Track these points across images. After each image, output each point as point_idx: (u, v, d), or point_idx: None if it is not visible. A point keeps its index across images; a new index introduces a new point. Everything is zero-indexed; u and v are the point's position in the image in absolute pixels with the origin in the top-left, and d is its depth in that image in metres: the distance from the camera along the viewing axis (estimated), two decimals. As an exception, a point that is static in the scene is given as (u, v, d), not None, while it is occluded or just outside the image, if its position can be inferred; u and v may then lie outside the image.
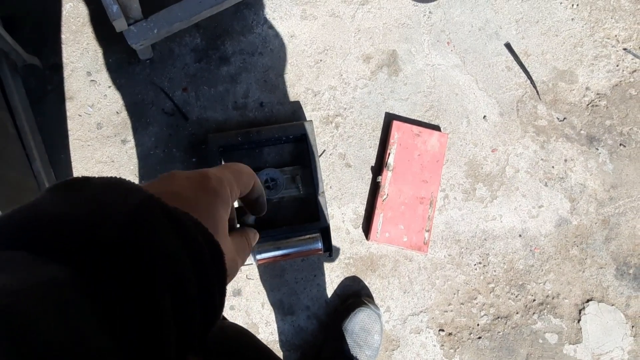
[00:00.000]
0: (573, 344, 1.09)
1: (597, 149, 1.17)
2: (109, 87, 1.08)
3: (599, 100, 1.19)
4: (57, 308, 0.16)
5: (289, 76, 1.13)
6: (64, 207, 0.20)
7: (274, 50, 1.14)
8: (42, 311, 0.16)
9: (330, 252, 1.00)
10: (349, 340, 0.98)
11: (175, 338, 0.20)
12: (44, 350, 0.15)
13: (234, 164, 0.33)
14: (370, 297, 1.07)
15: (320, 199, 1.00)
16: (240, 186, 0.32)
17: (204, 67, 1.12)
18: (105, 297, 0.18)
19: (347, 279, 1.07)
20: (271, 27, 1.15)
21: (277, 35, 1.15)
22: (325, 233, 1.00)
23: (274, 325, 1.04)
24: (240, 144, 1.02)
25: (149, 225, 0.21)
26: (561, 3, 1.22)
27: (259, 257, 0.97)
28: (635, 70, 1.21)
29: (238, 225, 0.38)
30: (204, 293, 0.23)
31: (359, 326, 0.99)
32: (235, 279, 1.05)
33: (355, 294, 1.07)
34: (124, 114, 1.08)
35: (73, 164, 1.05)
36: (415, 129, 1.11)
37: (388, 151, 1.09)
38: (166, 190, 0.26)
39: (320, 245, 0.99)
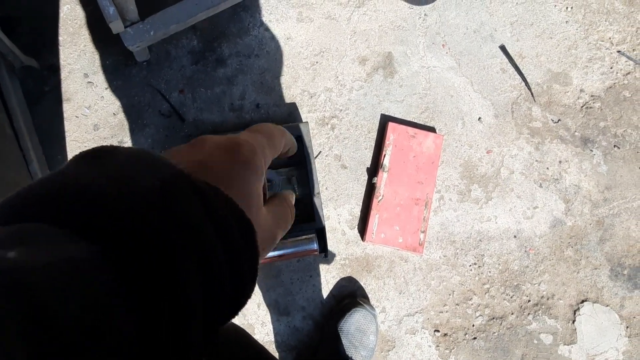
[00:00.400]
0: (568, 345, 1.10)
1: (592, 151, 1.18)
2: (106, 88, 1.09)
3: (593, 102, 1.20)
4: (76, 286, 0.16)
5: (285, 78, 1.14)
6: (89, 178, 0.19)
7: (270, 53, 1.15)
8: (61, 289, 0.15)
9: (326, 253, 1.00)
10: (344, 341, 0.98)
11: (202, 332, 0.20)
12: (60, 328, 0.14)
13: (264, 125, 0.31)
14: (365, 297, 1.07)
15: (316, 200, 1.01)
16: (273, 150, 0.30)
17: (200, 69, 1.12)
18: (129, 277, 0.17)
19: (342, 279, 1.08)
20: (267, 29, 1.16)
21: (273, 37, 1.16)
22: (320, 234, 1.01)
23: (270, 326, 1.05)
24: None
25: (177, 204, 0.20)
26: (555, 6, 1.23)
27: (254, 257, 0.98)
28: (629, 73, 1.22)
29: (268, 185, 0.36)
30: (235, 277, 0.22)
31: (355, 327, 0.99)
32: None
33: (350, 295, 1.07)
34: (121, 116, 1.09)
35: (70, 165, 1.05)
36: (411, 130, 1.11)
37: (384, 152, 1.10)
38: (195, 160, 0.25)
39: (315, 246, 0.99)
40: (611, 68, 1.22)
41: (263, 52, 1.15)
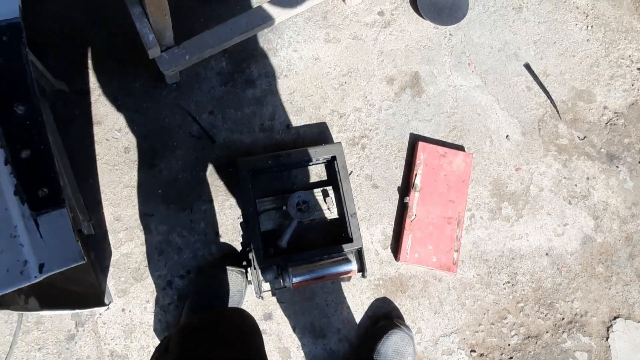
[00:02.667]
0: (603, 362, 1.09)
1: (617, 167, 1.19)
2: (136, 111, 1.08)
3: (617, 119, 1.22)
4: None
5: (315, 98, 1.14)
6: None
7: (298, 73, 1.15)
8: None
9: (364, 273, 1.00)
10: None
11: None
12: None
13: None
14: (401, 318, 1.06)
15: (352, 220, 1.00)
16: None
17: (230, 90, 1.12)
18: None
19: (377, 300, 1.07)
20: (295, 50, 1.16)
21: (301, 58, 1.16)
22: (359, 254, 1.00)
23: (306, 349, 1.03)
24: (270, 167, 1.02)
25: None
26: (576, 25, 1.25)
27: (295, 280, 0.97)
28: (650, 89, 1.24)
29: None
30: None
31: (392, 349, 0.98)
32: (265, 302, 1.04)
33: (386, 316, 1.06)
34: (152, 138, 1.08)
35: (101, 189, 1.04)
36: (441, 149, 1.12)
37: (415, 172, 1.10)
38: None
39: (354, 266, 0.99)
40: (632, 85, 1.24)
41: (292, 73, 1.15)
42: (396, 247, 1.09)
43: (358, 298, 1.06)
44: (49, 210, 0.32)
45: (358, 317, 1.06)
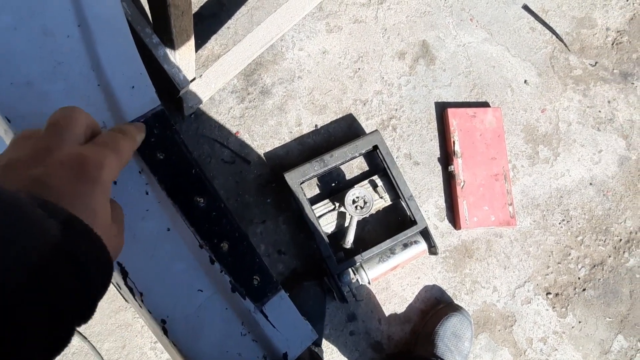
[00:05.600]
0: (666, 270, 1.15)
1: (633, 83, 1.22)
2: (163, 152, 1.04)
3: (621, 37, 1.24)
4: None
5: (334, 92, 1.12)
6: None
7: (311, 71, 1.12)
8: None
9: (436, 249, 1.00)
10: (440, 344, 0.97)
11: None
12: None
13: (109, 136, 0.30)
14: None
15: (411, 202, 1.00)
16: (122, 160, 0.30)
17: (249, 105, 1.09)
18: None
19: (447, 271, 1.08)
20: (301, 48, 1.13)
21: (309, 55, 1.13)
22: (425, 234, 1.01)
23: (396, 337, 1.04)
24: (318, 173, 1.00)
25: (21, 230, 0.21)
26: (561, -46, 1.26)
27: (371, 276, 0.97)
28: (644, 1, 1.26)
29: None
30: (84, 292, 0.23)
31: (450, 331, 0.98)
32: (346, 305, 1.04)
33: (447, 300, 1.07)
34: (186, 175, 1.04)
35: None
36: (470, 110, 1.12)
37: (452, 139, 1.10)
38: (38, 179, 0.25)
39: (425, 246, 0.99)
40: (627, 0, 1.26)
41: (304, 73, 1.12)
42: (452, 217, 1.10)
43: (430, 274, 1.08)
44: (269, 297, 0.31)
45: (435, 292, 1.07)
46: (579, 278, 1.12)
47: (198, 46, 1.08)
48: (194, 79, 0.89)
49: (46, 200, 0.23)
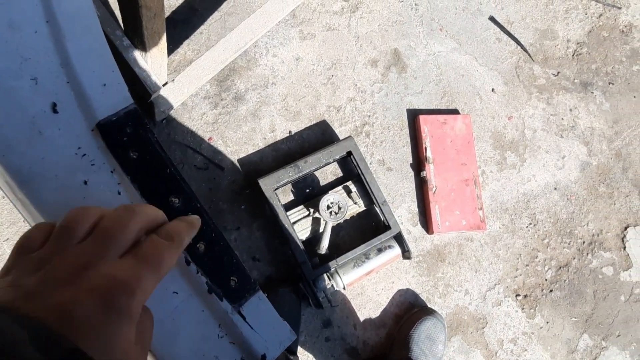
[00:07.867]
0: (626, 270, 1.20)
1: (593, 92, 1.28)
2: (133, 158, 1.02)
3: (580, 49, 1.30)
4: None
5: (308, 99, 1.13)
6: None
7: (285, 78, 1.13)
8: None
9: (409, 254, 1.02)
10: (414, 348, 0.99)
11: None
12: None
13: (156, 251, 0.26)
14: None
15: (384, 207, 1.01)
16: (159, 278, 0.26)
17: (222, 111, 1.08)
18: None
19: (421, 276, 1.10)
20: (275, 55, 1.13)
21: (283, 62, 1.13)
22: (399, 238, 1.02)
23: (372, 342, 1.05)
24: (292, 179, 1.00)
25: None
26: (524, -31, 1.31)
27: (346, 281, 0.97)
28: (601, 15, 1.33)
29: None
30: None
31: (425, 335, 1.00)
32: (321, 310, 1.03)
33: (420, 304, 1.09)
34: (157, 181, 1.02)
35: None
36: (440, 117, 1.14)
37: (424, 145, 1.12)
38: (65, 308, 0.22)
39: (398, 250, 1.00)
40: (586, 14, 1.33)
41: (278, 79, 1.12)
42: (425, 221, 1.12)
43: (404, 279, 1.09)
44: (247, 298, 0.30)
45: (409, 297, 1.08)
46: (546, 280, 1.16)
47: (170, 51, 1.07)
48: (165, 83, 0.87)
49: (58, 336, 0.20)
